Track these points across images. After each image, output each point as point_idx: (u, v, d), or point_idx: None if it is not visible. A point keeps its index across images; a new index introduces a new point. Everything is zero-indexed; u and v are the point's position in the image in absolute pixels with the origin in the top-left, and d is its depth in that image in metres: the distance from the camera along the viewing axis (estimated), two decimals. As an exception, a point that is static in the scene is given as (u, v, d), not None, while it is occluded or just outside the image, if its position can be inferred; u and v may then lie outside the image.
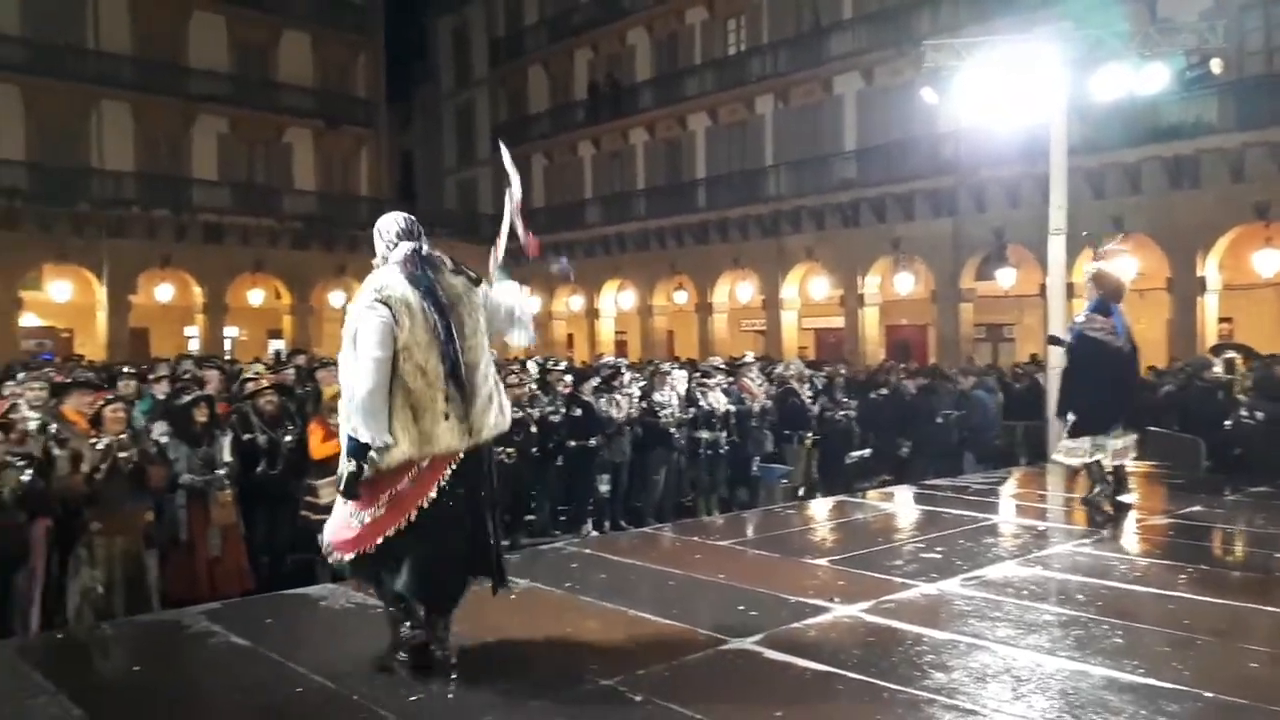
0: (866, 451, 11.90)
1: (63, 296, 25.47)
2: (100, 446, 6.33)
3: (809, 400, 11.61)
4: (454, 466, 3.66)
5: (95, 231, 25.17)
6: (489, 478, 3.82)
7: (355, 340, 3.60)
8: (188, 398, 7.55)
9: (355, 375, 3.58)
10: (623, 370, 11.58)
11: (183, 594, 6.71)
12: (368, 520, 3.66)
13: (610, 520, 10.38)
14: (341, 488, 3.67)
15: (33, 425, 6.45)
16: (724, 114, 26.62)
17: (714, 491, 10.93)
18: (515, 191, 4.45)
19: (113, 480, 6.29)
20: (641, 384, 11.06)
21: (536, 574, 5.46)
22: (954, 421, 12.20)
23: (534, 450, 9.53)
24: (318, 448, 6.91)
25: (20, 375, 9.16)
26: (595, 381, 10.55)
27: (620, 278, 29.89)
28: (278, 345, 27.43)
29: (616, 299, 30.56)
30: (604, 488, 10.43)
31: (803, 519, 7.85)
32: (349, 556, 3.76)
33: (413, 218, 3.93)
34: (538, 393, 10.35)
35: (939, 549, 6.06)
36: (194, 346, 25.55)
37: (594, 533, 9.70)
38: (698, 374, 11.72)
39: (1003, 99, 11.17)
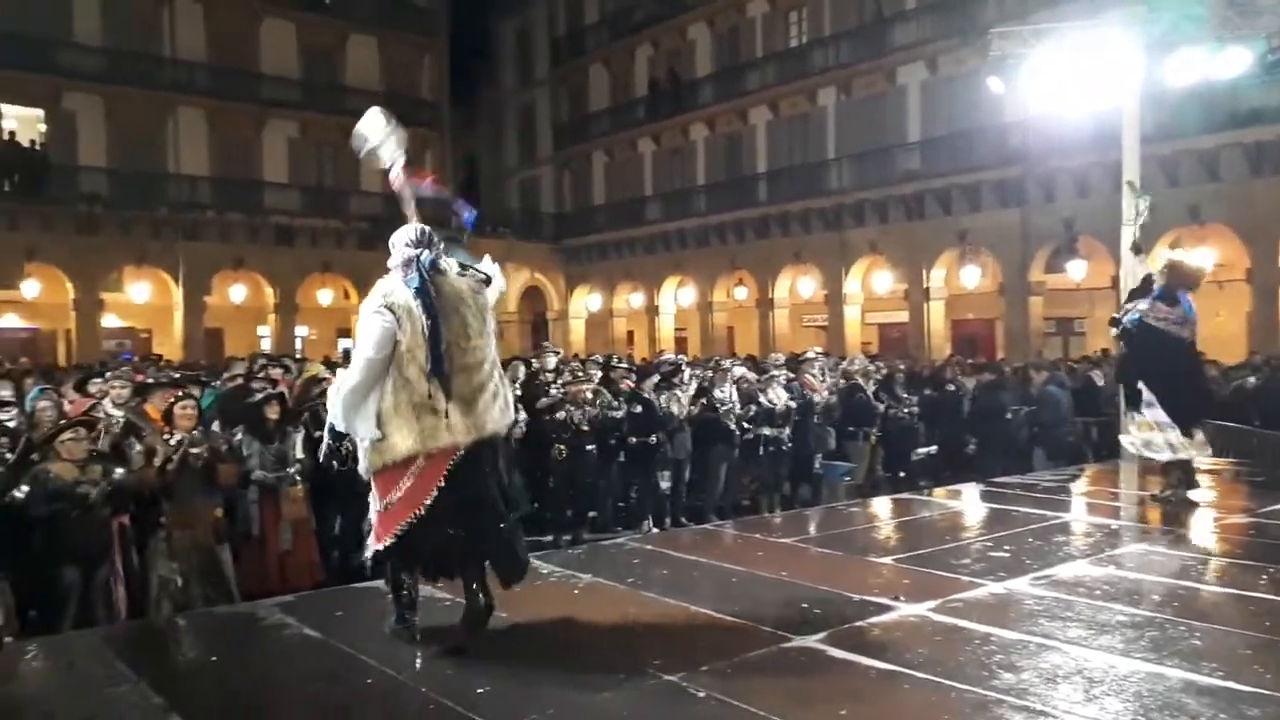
0: (932, 449, 11.73)
1: (142, 298, 26.34)
2: (172, 443, 6.55)
3: (874, 396, 11.47)
4: (455, 461, 3.87)
5: (172, 234, 25.97)
6: (493, 472, 4.06)
7: (357, 340, 3.96)
8: (259, 395, 7.75)
9: (348, 371, 3.99)
10: (683, 367, 11.59)
11: (254, 587, 6.90)
12: (383, 510, 3.93)
13: (671, 517, 10.40)
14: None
15: (115, 423, 6.71)
16: (785, 107, 26.41)
17: (776, 489, 10.86)
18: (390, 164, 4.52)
19: (184, 476, 6.50)
20: (702, 381, 11.04)
21: (598, 569, 5.51)
22: (1023, 418, 11.96)
23: (591, 447, 9.59)
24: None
25: (107, 374, 9.51)
26: (655, 379, 10.57)
27: (680, 274, 29.87)
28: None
29: (676, 295, 30.55)
30: (665, 484, 10.46)
31: (866, 516, 7.77)
32: (378, 548, 4.00)
33: (427, 228, 4.11)
34: (601, 389, 10.42)
35: (1007, 547, 5.94)
36: (266, 346, 26.21)
37: (654, 529, 9.72)
38: (758, 370, 11.68)
39: (1073, 86, 10.88)
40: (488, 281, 4.16)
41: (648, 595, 4.97)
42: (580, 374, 10.81)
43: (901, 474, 11.54)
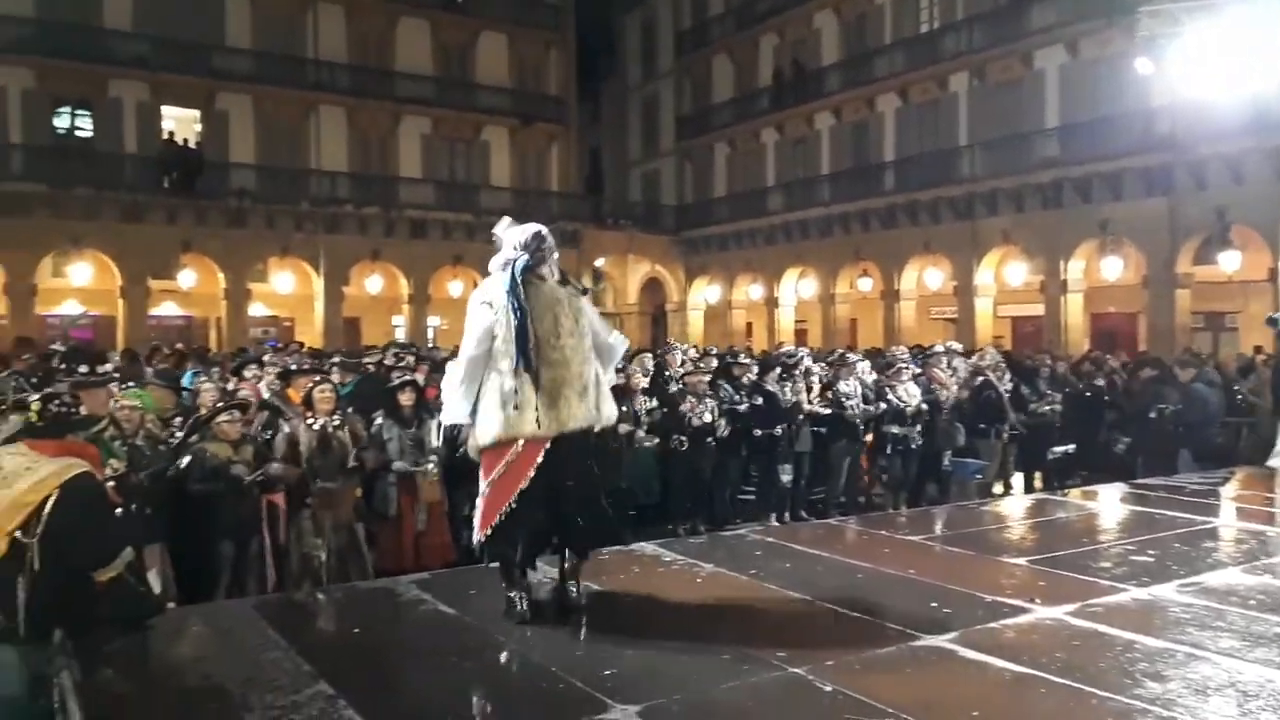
0: (1070, 447, 11.25)
1: (285, 288, 27.75)
2: (315, 427, 6.91)
3: (1007, 392, 11.08)
4: (548, 451, 4.11)
5: (313, 228, 27.28)
6: (584, 464, 4.24)
7: (464, 334, 4.30)
8: (395, 381, 8.08)
9: (454, 366, 4.35)
10: (803, 359, 11.47)
11: (390, 564, 7.23)
12: (486, 492, 4.19)
13: (790, 510, 10.33)
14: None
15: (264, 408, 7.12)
16: (915, 94, 25.72)
17: (903, 487, 10.63)
18: None
19: (325, 458, 6.85)
20: (824, 374, 10.90)
21: (720, 559, 5.53)
22: (1170, 416, 11.33)
23: (710, 440, 9.61)
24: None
25: (266, 359, 10.08)
26: (778, 370, 10.50)
27: (802, 265, 29.49)
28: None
29: (797, 287, 30.17)
30: (785, 478, 10.39)
31: (998, 516, 7.53)
32: (484, 534, 4.23)
33: (540, 232, 4.35)
34: (721, 383, 10.42)
35: (1151, 552, 5.67)
36: (400, 335, 27.25)
37: (774, 522, 9.68)
38: (886, 365, 11.43)
39: (1229, 66, 10.23)
40: (583, 292, 4.46)
41: (770, 587, 4.96)
42: (700, 365, 10.82)
43: (1036, 473, 11.12)
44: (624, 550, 6.14)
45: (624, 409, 8.99)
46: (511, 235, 4.32)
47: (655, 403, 9.69)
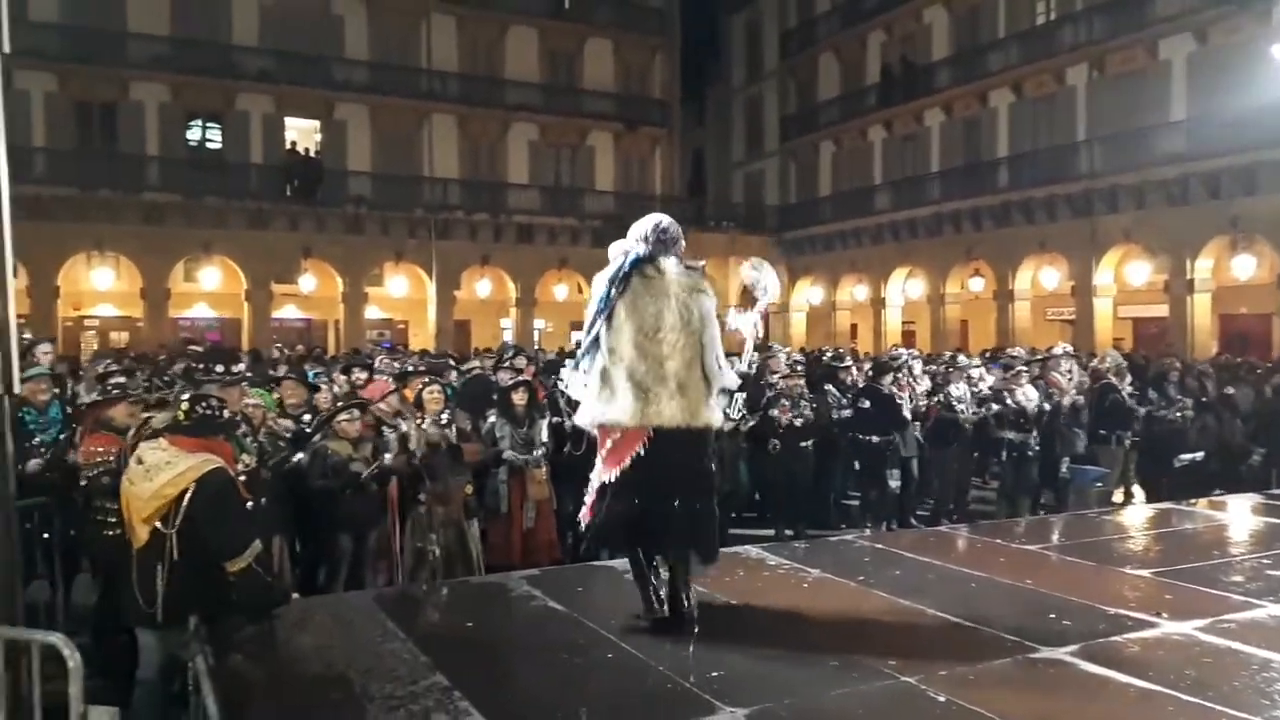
0: (1198, 455, 10.70)
1: (399, 291, 28.67)
2: (426, 425, 7.12)
3: (1130, 396, 10.61)
4: (646, 444, 4.09)
5: (426, 234, 28.09)
6: (676, 464, 4.14)
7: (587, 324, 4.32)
8: (510, 382, 8.27)
9: (578, 357, 4.39)
10: (910, 362, 11.24)
11: (499, 560, 7.40)
12: (599, 468, 4.26)
13: (899, 517, 10.12)
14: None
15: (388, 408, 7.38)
16: (1030, 88, 24.86)
17: (1020, 494, 10.28)
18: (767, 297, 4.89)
19: (436, 455, 7.06)
20: (934, 377, 10.66)
21: (827, 565, 5.47)
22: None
23: (807, 443, 9.48)
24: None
25: (381, 360, 10.43)
26: (890, 375, 10.30)
27: (910, 265, 28.84)
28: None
29: (905, 287, 29.50)
30: (894, 483, 10.20)
31: (1119, 526, 7.23)
32: (589, 522, 4.31)
33: (661, 223, 4.33)
34: (828, 387, 10.29)
35: (1290, 567, 5.35)
36: (508, 337, 27.82)
37: (885, 528, 9.51)
38: (1002, 368, 11.11)
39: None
40: (700, 289, 4.30)
41: (879, 594, 4.88)
42: (797, 368, 10.71)
43: (1162, 481, 10.61)
44: (728, 553, 6.13)
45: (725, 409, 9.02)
46: (636, 227, 4.34)
47: (742, 406, 9.64)
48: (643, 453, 4.09)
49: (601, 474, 4.22)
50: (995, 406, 9.99)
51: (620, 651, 3.95)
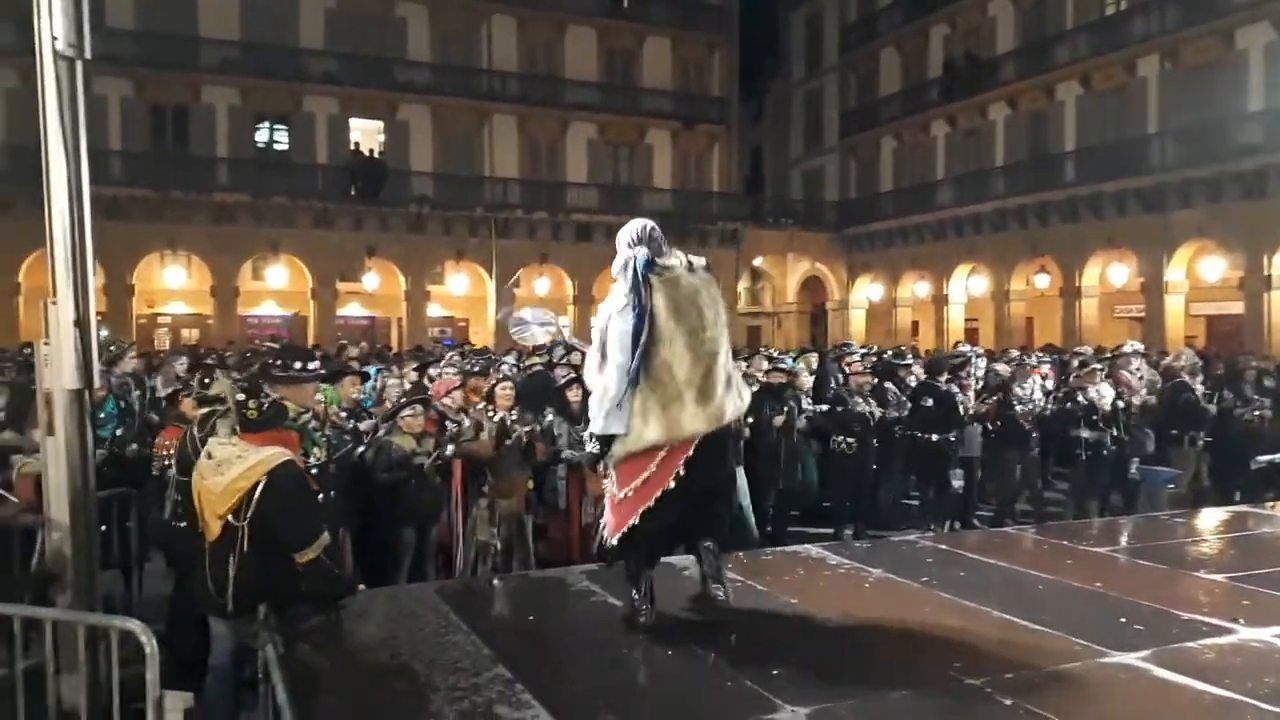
0: (1277, 456, 10.32)
1: (460, 290, 29.03)
2: (495, 420, 7.22)
3: (1203, 395, 10.30)
4: (694, 449, 4.02)
5: (486, 232, 28.41)
6: (729, 458, 4.25)
7: (604, 344, 4.14)
8: (562, 379, 8.33)
9: (604, 378, 4.13)
10: (972, 359, 11.05)
11: (558, 555, 7.47)
12: (620, 500, 4.09)
13: (962, 517, 9.97)
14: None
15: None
16: (1098, 80, 24.25)
17: (1089, 495, 10.03)
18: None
19: (504, 450, 7.15)
20: (996, 375, 10.47)
21: (889, 565, 5.40)
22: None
23: (875, 441, 9.39)
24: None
25: (450, 357, 10.62)
26: (957, 374, 10.15)
27: (973, 261, 28.35)
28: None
29: (967, 284, 29.02)
30: (956, 483, 10.05)
31: (1192, 529, 7.01)
32: (615, 539, 4.16)
33: (648, 224, 4.22)
34: (888, 385, 10.16)
35: (1377, 574, 5.15)
36: (566, 335, 27.94)
37: (948, 528, 9.37)
38: (1062, 364, 10.86)
39: None
40: (710, 274, 4.26)
41: (944, 595, 4.81)
42: (861, 366, 10.60)
43: (1237, 483, 10.28)
44: (788, 552, 6.11)
45: (788, 406, 8.96)
46: (622, 235, 4.20)
47: (810, 403, 9.59)
48: (693, 458, 4.00)
49: (638, 497, 4.04)
50: (1066, 404, 9.75)
51: (680, 648, 3.95)
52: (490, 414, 7.24)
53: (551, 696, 3.40)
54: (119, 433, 7.00)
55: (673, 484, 4.00)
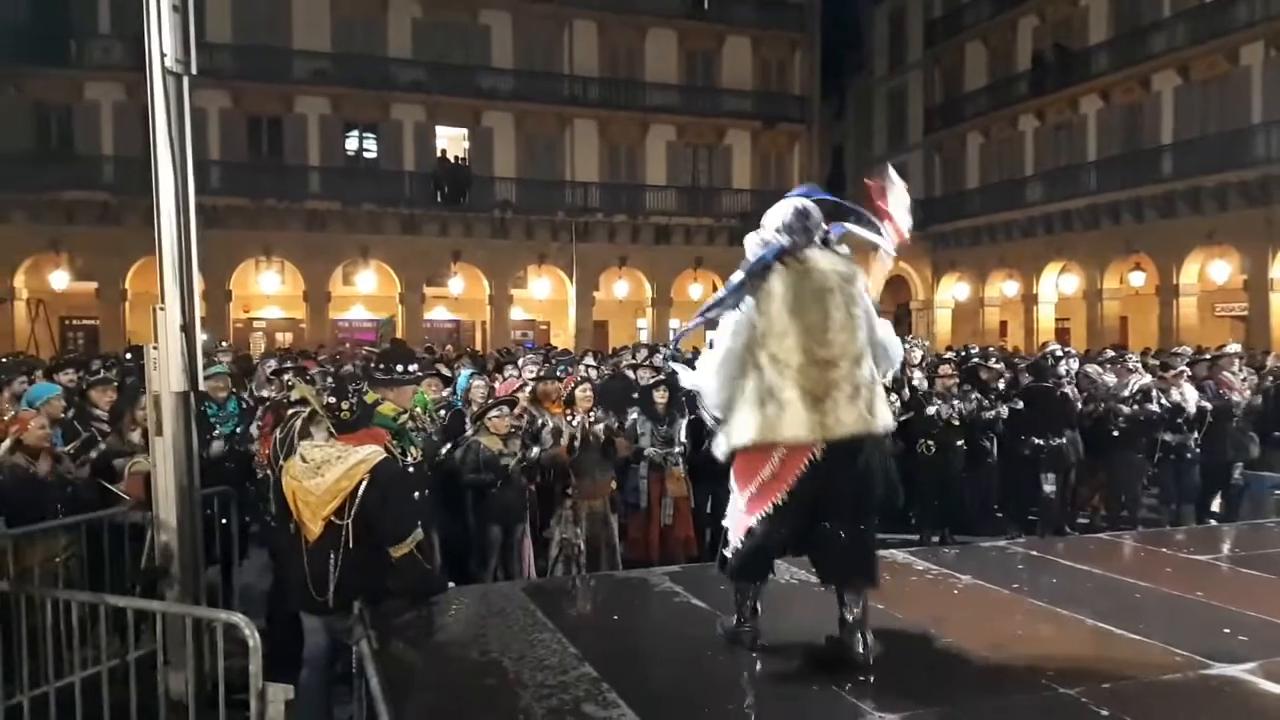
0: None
1: (542, 293, 29.41)
2: (575, 422, 7.31)
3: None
4: (813, 459, 3.61)
5: (567, 236, 28.71)
6: (850, 477, 3.66)
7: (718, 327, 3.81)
8: (651, 380, 8.39)
9: (709, 362, 3.83)
10: (1059, 358, 10.72)
11: (637, 555, 7.53)
12: (745, 503, 3.78)
13: (1054, 524, 9.69)
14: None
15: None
16: (1198, 70, 23.30)
17: (1182, 500, 9.68)
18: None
19: (586, 451, 7.24)
20: (1088, 378, 10.15)
21: (977, 571, 5.29)
22: None
23: (962, 444, 9.20)
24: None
25: (521, 360, 10.80)
26: (1040, 377, 9.88)
27: (1063, 259, 27.51)
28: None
29: (1058, 282, 28.18)
30: (1048, 488, 9.76)
31: (1303, 537, 6.71)
32: (736, 544, 3.83)
33: (803, 208, 3.85)
34: (971, 391, 9.94)
35: None
36: (644, 337, 28.11)
37: (1040, 535, 9.13)
38: (1161, 365, 10.49)
39: None
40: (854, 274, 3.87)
41: (1035, 603, 4.70)
42: (949, 368, 10.39)
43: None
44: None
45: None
46: (772, 215, 3.84)
47: (897, 402, 9.42)
48: (810, 470, 3.61)
49: (753, 506, 3.72)
50: (1152, 408, 9.42)
51: (766, 652, 3.93)
52: (570, 417, 7.33)
53: (637, 696, 3.43)
54: (239, 430, 7.30)
55: (785, 497, 3.63)
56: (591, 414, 7.46)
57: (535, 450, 6.90)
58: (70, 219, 24.51)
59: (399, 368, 4.97)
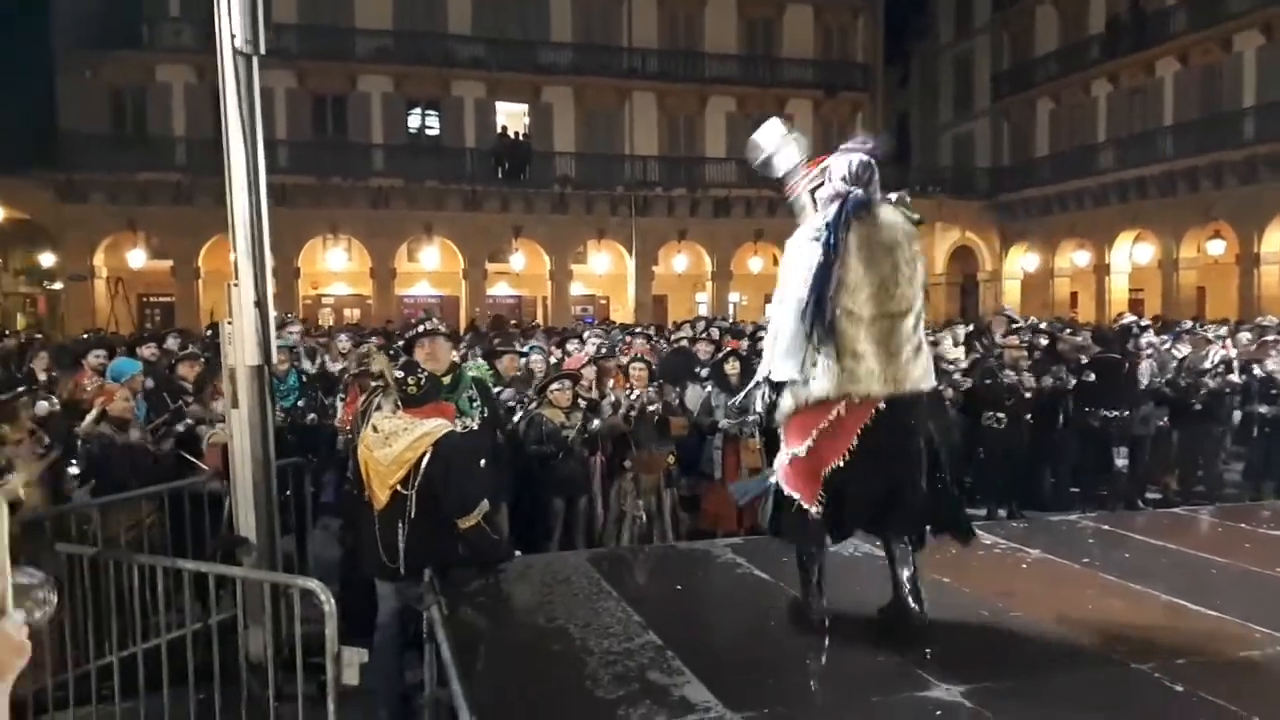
0: None
1: (601, 268, 29.48)
2: (632, 397, 7.36)
3: None
4: (875, 416, 3.59)
5: (626, 211, 28.70)
6: (918, 431, 3.66)
7: (787, 280, 3.73)
8: (723, 353, 8.43)
9: (781, 315, 3.74)
10: (1134, 330, 10.44)
11: (710, 526, 7.57)
12: (790, 460, 3.73)
13: (1126, 498, 9.48)
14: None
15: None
16: (1284, 28, 22.33)
17: (1267, 475, 9.39)
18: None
19: (642, 425, 7.29)
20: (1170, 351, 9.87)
21: (1047, 545, 5.20)
22: None
23: (1029, 417, 9.03)
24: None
25: (585, 335, 10.90)
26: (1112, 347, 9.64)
27: (1137, 227, 26.70)
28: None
29: (1131, 252, 27.35)
30: (1121, 462, 9.54)
31: (1394, 514, 6.45)
32: (797, 496, 3.74)
33: (870, 161, 3.78)
34: (1049, 364, 9.74)
35: None
36: (703, 310, 28.03)
37: (1113, 508, 8.94)
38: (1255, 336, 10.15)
39: None
40: (918, 223, 3.84)
41: (1108, 578, 4.60)
42: (1022, 338, 10.19)
43: None
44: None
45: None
46: (838, 165, 3.77)
47: (962, 375, 9.30)
48: (871, 427, 3.58)
49: (811, 462, 3.65)
50: (1244, 378, 9.13)
51: (830, 624, 3.91)
52: (627, 392, 7.39)
53: (702, 665, 3.46)
54: (300, 403, 7.49)
55: (847, 455, 3.60)
56: (650, 388, 7.49)
57: (595, 423, 6.96)
58: (145, 199, 25.24)
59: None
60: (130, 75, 25.70)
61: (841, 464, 3.61)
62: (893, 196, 3.88)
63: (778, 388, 3.78)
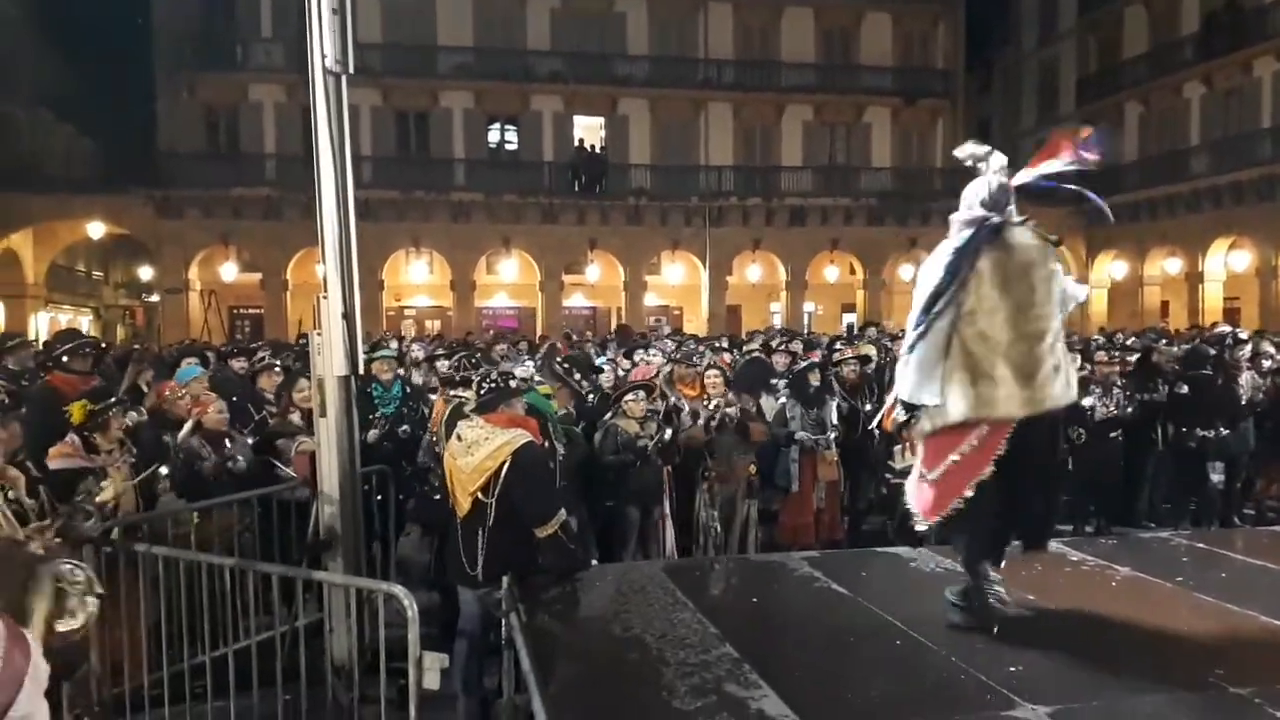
0: None
1: (675, 279, 29.55)
2: (710, 407, 7.35)
3: None
4: (1013, 434, 3.64)
5: (700, 221, 28.70)
6: (1049, 448, 3.79)
7: (922, 301, 3.74)
8: (803, 364, 8.38)
9: (912, 335, 3.77)
10: (1242, 341, 10.02)
11: (785, 537, 7.52)
12: (936, 479, 3.78)
13: (1221, 516, 9.11)
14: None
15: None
16: (1393, 24, 21.24)
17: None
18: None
19: (721, 435, 7.27)
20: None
21: (1138, 563, 5.03)
22: None
23: (1116, 434, 8.73)
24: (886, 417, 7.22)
25: (654, 344, 10.92)
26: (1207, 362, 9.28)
27: (1233, 234, 25.68)
28: (850, 319, 28.67)
29: (1227, 259, 26.30)
30: (1216, 477, 9.18)
31: None
32: (933, 520, 3.89)
33: (1005, 183, 3.89)
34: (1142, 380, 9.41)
35: None
36: (777, 321, 27.87)
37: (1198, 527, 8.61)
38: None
39: None
40: (1057, 243, 3.94)
41: (1203, 598, 4.43)
42: (1113, 353, 9.86)
43: None
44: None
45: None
46: (973, 192, 3.87)
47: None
48: (1012, 442, 3.64)
49: (953, 479, 3.72)
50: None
51: (908, 639, 3.87)
52: (705, 401, 7.39)
53: (779, 678, 3.44)
54: (405, 410, 7.67)
55: (990, 470, 3.65)
56: (726, 397, 7.48)
57: (668, 432, 6.97)
58: (237, 214, 26.19)
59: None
60: (224, 95, 26.73)
61: (976, 486, 3.67)
62: (1049, 236, 3.92)
63: (912, 407, 3.84)
